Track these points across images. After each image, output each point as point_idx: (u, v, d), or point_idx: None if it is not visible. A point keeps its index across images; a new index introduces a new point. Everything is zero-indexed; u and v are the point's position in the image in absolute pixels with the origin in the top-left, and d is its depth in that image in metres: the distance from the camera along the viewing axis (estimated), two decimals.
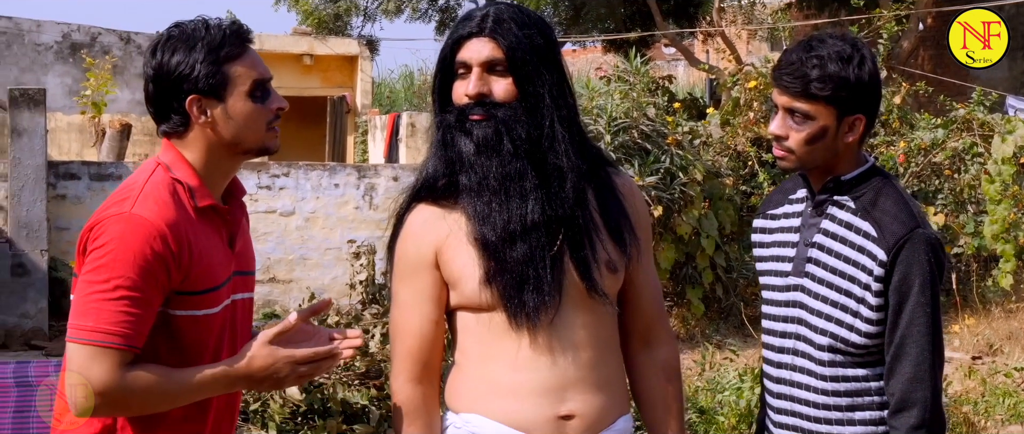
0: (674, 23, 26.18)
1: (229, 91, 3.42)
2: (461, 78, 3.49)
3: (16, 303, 13.54)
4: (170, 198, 3.38)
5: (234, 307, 3.58)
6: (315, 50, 25.84)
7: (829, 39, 3.63)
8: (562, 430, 3.48)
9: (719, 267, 13.99)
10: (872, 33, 15.83)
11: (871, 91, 3.62)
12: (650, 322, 3.70)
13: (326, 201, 15.21)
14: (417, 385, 3.52)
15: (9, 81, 21.70)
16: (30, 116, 13.78)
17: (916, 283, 3.50)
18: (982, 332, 12.77)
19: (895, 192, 3.65)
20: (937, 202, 14.27)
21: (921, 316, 3.51)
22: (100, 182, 14.58)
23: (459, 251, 3.46)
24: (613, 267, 3.53)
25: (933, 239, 3.55)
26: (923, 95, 15.40)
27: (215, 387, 3.40)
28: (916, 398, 3.51)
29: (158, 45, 3.44)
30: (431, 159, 3.55)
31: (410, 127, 20.34)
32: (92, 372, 3.24)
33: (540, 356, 3.46)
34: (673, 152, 13.61)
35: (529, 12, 3.59)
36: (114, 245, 3.26)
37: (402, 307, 3.55)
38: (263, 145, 3.52)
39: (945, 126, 14.44)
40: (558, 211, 3.46)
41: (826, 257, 3.65)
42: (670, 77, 21.58)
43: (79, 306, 3.28)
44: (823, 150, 3.63)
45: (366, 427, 9.63)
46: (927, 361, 3.51)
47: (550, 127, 3.49)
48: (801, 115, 3.61)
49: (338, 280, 14.46)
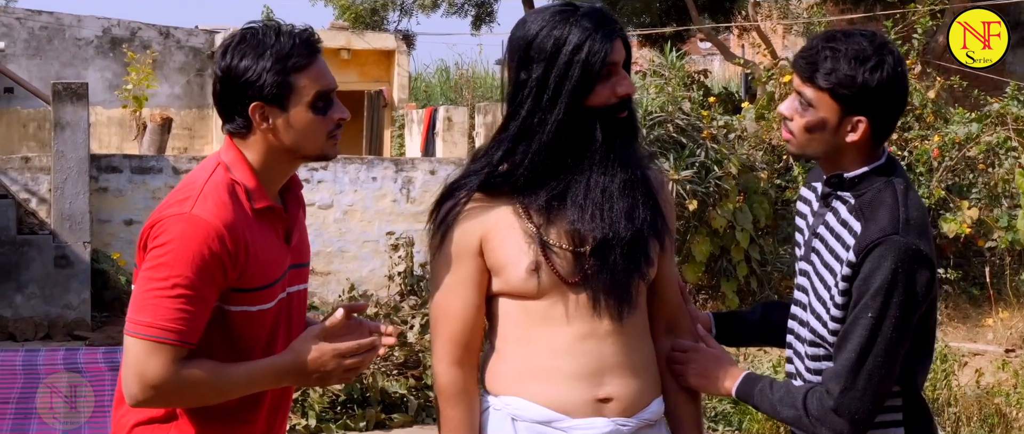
0: (710, 18, 26.18)
1: (292, 101, 3.46)
2: (604, 78, 3.52)
3: (59, 294, 13.69)
4: (229, 199, 3.44)
5: (289, 300, 3.65)
6: (352, 45, 25.90)
7: (856, 36, 3.57)
8: (600, 411, 3.56)
9: (754, 260, 14.03)
10: (906, 28, 15.83)
11: (880, 96, 3.52)
12: (674, 311, 3.81)
13: (364, 194, 15.31)
14: (459, 368, 3.59)
15: (50, 75, 21.90)
16: (73, 110, 13.91)
17: (873, 286, 3.43)
18: (1016, 325, 12.77)
19: (892, 195, 3.56)
20: (971, 196, 14.27)
21: (864, 317, 3.44)
22: (141, 175, 14.73)
23: (507, 240, 3.55)
24: (653, 262, 3.64)
25: (910, 248, 3.45)
26: (958, 89, 15.39)
27: (265, 381, 3.49)
28: (829, 388, 3.50)
29: (229, 47, 3.48)
30: (529, 154, 3.55)
31: (446, 121, 20.41)
32: (148, 366, 3.33)
33: (579, 342, 3.55)
34: (708, 146, 13.66)
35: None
36: (174, 244, 3.33)
37: (445, 292, 3.62)
38: (322, 153, 3.59)
39: (979, 121, 14.44)
40: (649, 211, 3.59)
41: (822, 250, 3.65)
42: (706, 71, 21.64)
43: (138, 301, 3.36)
44: (821, 142, 3.59)
45: (404, 416, 9.75)
46: (851, 362, 3.46)
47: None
48: (805, 101, 3.58)
49: (376, 272, 14.57)
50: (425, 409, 9.86)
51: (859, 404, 3.48)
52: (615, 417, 3.58)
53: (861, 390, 3.46)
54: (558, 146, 3.53)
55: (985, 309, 13.74)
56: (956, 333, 12.85)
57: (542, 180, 3.55)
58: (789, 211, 14.76)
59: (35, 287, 13.63)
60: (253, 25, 3.53)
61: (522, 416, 3.58)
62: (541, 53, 3.54)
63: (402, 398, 9.88)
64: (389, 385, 9.90)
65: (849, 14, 23.01)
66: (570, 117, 3.51)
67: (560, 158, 3.54)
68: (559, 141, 3.52)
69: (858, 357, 3.45)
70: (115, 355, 7.03)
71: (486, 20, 31.65)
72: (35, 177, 14.55)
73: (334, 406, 9.70)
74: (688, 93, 14.68)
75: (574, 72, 3.51)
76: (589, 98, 3.52)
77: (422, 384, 10.04)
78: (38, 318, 13.59)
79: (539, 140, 3.54)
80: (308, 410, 9.50)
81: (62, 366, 6.34)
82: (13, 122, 23.02)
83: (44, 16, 23.91)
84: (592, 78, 3.51)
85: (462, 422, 3.60)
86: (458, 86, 31.63)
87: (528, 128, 3.56)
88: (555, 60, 3.52)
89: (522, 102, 3.57)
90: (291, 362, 3.47)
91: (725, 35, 30.06)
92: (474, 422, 3.62)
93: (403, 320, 10.54)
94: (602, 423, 3.57)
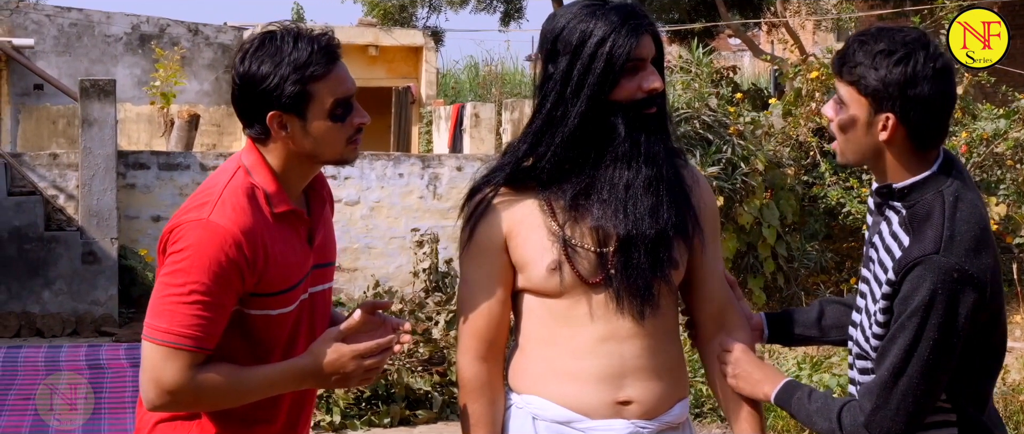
0: (739, 14, 26.12)
1: (311, 110, 3.44)
2: (629, 73, 3.52)
3: (87, 290, 13.75)
4: (248, 204, 3.43)
5: (311, 300, 3.65)
6: (380, 41, 25.94)
7: (893, 31, 3.47)
8: (620, 414, 3.56)
9: (780, 257, 14.01)
10: (934, 23, 15.77)
11: (904, 93, 3.40)
12: (723, 307, 3.77)
13: (391, 191, 15.34)
14: (483, 363, 3.62)
15: (80, 72, 21.98)
16: (100, 106, 13.97)
17: (911, 307, 3.34)
18: None
19: (940, 209, 3.42)
20: (999, 193, 14.22)
21: (901, 337, 3.37)
22: (169, 171, 14.78)
23: (531, 237, 3.56)
24: (676, 264, 3.60)
25: (952, 268, 3.33)
26: (987, 85, 15.33)
27: (283, 385, 3.49)
28: (862, 405, 3.45)
29: (248, 53, 3.46)
30: (552, 148, 3.56)
31: (474, 117, 20.43)
32: (165, 372, 3.34)
33: (601, 344, 3.55)
34: (735, 142, 13.65)
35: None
36: (191, 251, 3.33)
37: (471, 287, 3.64)
38: (341, 158, 3.57)
39: (1007, 117, 14.38)
40: (679, 211, 3.56)
41: (874, 260, 3.58)
42: (735, 68, 21.59)
43: (155, 307, 3.37)
44: (856, 143, 3.50)
45: (429, 413, 9.76)
46: (884, 381, 3.40)
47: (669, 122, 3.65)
48: (840, 99, 3.52)
49: (402, 269, 14.59)
50: (449, 405, 9.87)
51: (890, 424, 3.42)
52: (635, 419, 3.58)
53: (893, 410, 3.40)
54: (581, 140, 3.53)
55: (1013, 306, 13.67)
56: None
57: (566, 175, 3.55)
58: (816, 207, 14.73)
59: (63, 283, 13.69)
60: (272, 29, 3.51)
61: (542, 415, 3.60)
62: (567, 46, 3.55)
63: (427, 394, 9.89)
64: (414, 381, 9.91)
65: (878, 10, 22.91)
66: (593, 111, 3.52)
67: (583, 152, 3.54)
68: (582, 135, 3.53)
69: (891, 376, 3.39)
70: (137, 351, 7.06)
71: (515, 16, 31.55)
72: (63, 174, 14.62)
73: (359, 402, 9.72)
74: (715, 89, 14.65)
75: (598, 65, 3.51)
76: (614, 92, 3.52)
77: (447, 380, 10.04)
78: (66, 314, 13.66)
79: (561, 133, 3.54)
80: (333, 407, 9.53)
81: (84, 362, 6.37)
82: (42, 119, 23.10)
83: (73, 13, 23.99)
84: (616, 71, 3.51)
85: (483, 416, 3.62)
86: (486, 82, 31.60)
87: (552, 121, 3.57)
88: (580, 53, 3.53)
89: (548, 95, 3.59)
90: (310, 365, 3.47)
91: (755, 32, 29.99)
92: (496, 417, 3.64)
93: (428, 316, 10.55)
94: (621, 425, 3.57)
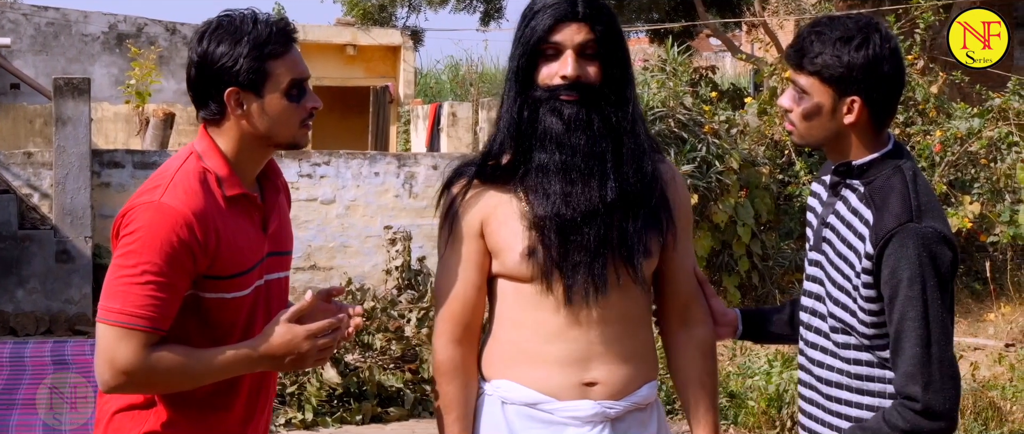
0: (718, 13, 26.17)
1: (267, 88, 3.52)
2: (549, 59, 3.61)
3: (61, 289, 13.72)
4: (199, 187, 3.49)
5: (267, 287, 3.70)
6: (358, 40, 25.94)
7: (842, 19, 3.63)
8: (586, 395, 3.66)
9: (755, 255, 14.03)
10: (909, 23, 15.81)
11: (869, 74, 3.55)
12: (687, 302, 3.88)
13: (366, 189, 15.33)
14: (458, 346, 3.71)
15: (57, 71, 21.92)
16: (74, 105, 13.94)
17: (904, 277, 3.45)
18: (1016, 320, 12.77)
19: (901, 181, 3.59)
20: (973, 191, 14.26)
21: (911, 310, 3.45)
22: (144, 170, 14.74)
23: (506, 223, 3.65)
24: (649, 253, 3.69)
25: (928, 232, 3.48)
26: (962, 84, 15.38)
27: (238, 366, 3.52)
28: (909, 392, 3.47)
29: (205, 33, 3.54)
30: (499, 135, 3.71)
31: (451, 117, 20.44)
32: (118, 352, 3.38)
33: (569, 329, 3.64)
34: (710, 141, 13.68)
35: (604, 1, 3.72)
36: (143, 232, 3.39)
37: (448, 272, 3.73)
38: (294, 141, 3.63)
39: (981, 116, 14.43)
40: (632, 190, 3.62)
41: (835, 239, 3.67)
42: (713, 68, 21.64)
43: (108, 289, 3.42)
44: (820, 128, 3.63)
45: (401, 410, 9.77)
46: (918, 356, 3.45)
47: (633, 111, 3.69)
48: (800, 89, 3.63)
49: (378, 267, 14.58)
50: (421, 403, 9.87)
51: (944, 394, 3.48)
52: (601, 400, 3.67)
53: (940, 380, 3.46)
54: (520, 127, 3.64)
55: (987, 304, 13.74)
56: (957, 328, 12.83)
57: (521, 163, 3.65)
58: (791, 206, 14.76)
59: (36, 282, 13.66)
60: (230, 12, 3.58)
61: (511, 399, 3.69)
62: (516, 35, 3.69)
63: (399, 392, 9.91)
64: (386, 379, 9.93)
65: (856, 9, 22.97)
66: (523, 96, 3.64)
67: (525, 140, 3.64)
68: (519, 122, 3.64)
69: (924, 348, 3.46)
70: None
71: (494, 16, 31.59)
72: (37, 172, 14.57)
73: (331, 400, 9.73)
74: (691, 88, 14.67)
75: (518, 49, 3.65)
76: (537, 77, 3.62)
77: (419, 378, 10.06)
78: (39, 313, 13.62)
79: (505, 122, 3.68)
80: (305, 404, 9.53)
81: (49, 358, 6.36)
82: (19, 118, 23.03)
83: (50, 12, 23.93)
84: (528, 54, 3.62)
85: (456, 398, 3.71)
86: (466, 82, 31.63)
87: (503, 108, 3.72)
88: (516, 37, 3.67)
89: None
90: (264, 345, 3.51)
91: (735, 32, 30.03)
92: (469, 399, 3.74)
93: (400, 314, 10.57)
94: (587, 405, 3.66)
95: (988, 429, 8.73)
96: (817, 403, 3.80)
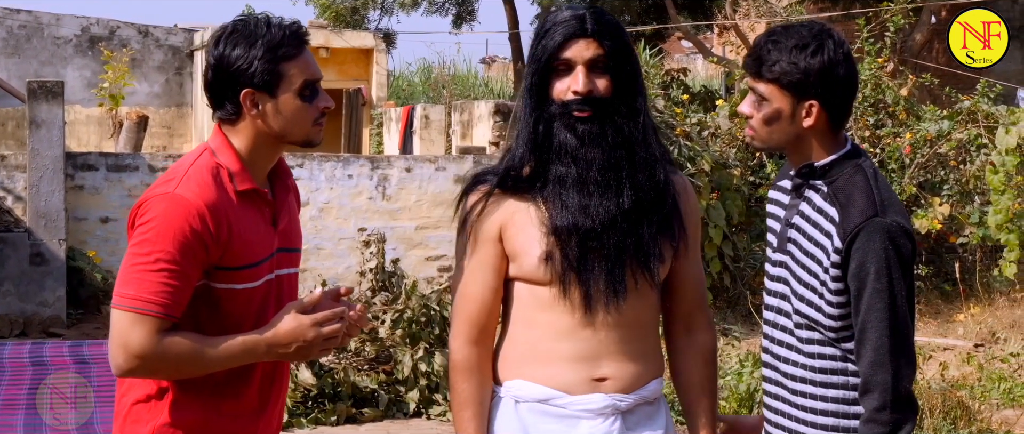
0: (689, 16, 26.28)
1: (281, 88, 3.67)
2: (561, 74, 3.72)
3: (34, 292, 13.71)
4: (212, 180, 3.64)
5: (278, 282, 3.84)
6: (331, 43, 25.99)
7: (796, 27, 3.76)
8: (597, 389, 3.77)
9: (727, 256, 14.10)
10: (878, 26, 15.93)
11: (825, 78, 3.70)
12: (691, 309, 3.99)
13: (340, 192, 15.36)
14: (474, 347, 3.83)
15: (29, 74, 21.91)
16: (48, 108, 13.93)
17: (871, 270, 3.61)
18: (986, 320, 12.85)
19: (863, 179, 3.74)
20: (942, 193, 14.37)
21: (878, 301, 3.61)
22: (117, 173, 14.75)
23: (524, 229, 3.75)
24: (663, 258, 3.81)
25: (892, 226, 3.64)
26: (932, 87, 15.50)
27: (246, 354, 3.65)
28: (876, 381, 3.62)
29: (222, 37, 3.69)
30: (519, 148, 3.80)
31: (424, 119, 20.50)
32: (131, 337, 3.51)
33: (582, 329, 3.75)
34: (681, 143, 13.75)
35: (612, 16, 3.84)
36: (157, 222, 3.53)
37: (465, 275, 3.84)
38: (308, 139, 3.77)
39: (950, 118, 14.55)
40: (646, 198, 3.73)
41: (801, 239, 3.79)
42: (685, 70, 21.72)
43: (123, 275, 3.55)
44: (781, 132, 3.77)
45: (375, 411, 9.81)
46: (885, 346, 3.62)
47: (644, 121, 3.77)
48: (759, 96, 3.76)
49: (351, 269, 14.60)
50: (396, 404, 9.92)
51: (909, 374, 3.67)
52: (612, 393, 3.78)
53: (904, 362, 3.66)
54: (537, 141, 3.76)
55: (956, 304, 13.83)
56: (927, 328, 12.94)
57: (541, 174, 3.76)
58: (762, 208, 14.82)
59: (10, 285, 13.64)
60: (244, 17, 3.74)
61: (523, 397, 3.81)
62: (529, 52, 3.84)
63: (373, 393, 9.95)
64: (360, 380, 9.96)
65: (827, 12, 23.11)
66: (538, 111, 3.75)
67: (542, 153, 3.75)
68: (536, 136, 3.76)
69: (890, 336, 3.64)
70: (80, 349, 7.10)
71: (467, 19, 31.71)
72: (11, 175, 14.56)
73: (305, 401, 9.77)
74: (664, 91, 14.74)
75: (532, 66, 3.78)
76: (552, 92, 3.74)
77: (393, 379, 10.10)
78: (13, 316, 13.61)
79: (523, 137, 3.79)
80: None
81: (28, 359, 6.39)
82: None
83: (22, 15, 23.92)
84: (541, 70, 3.74)
85: (472, 396, 3.82)
86: (438, 84, 31.68)
87: (519, 126, 3.83)
88: (530, 57, 3.81)
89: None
90: (270, 335, 3.65)
91: (706, 34, 30.16)
92: (484, 398, 3.84)
93: (374, 316, 10.59)
94: (599, 398, 3.77)
95: (957, 428, 8.82)
96: (783, 398, 3.91)
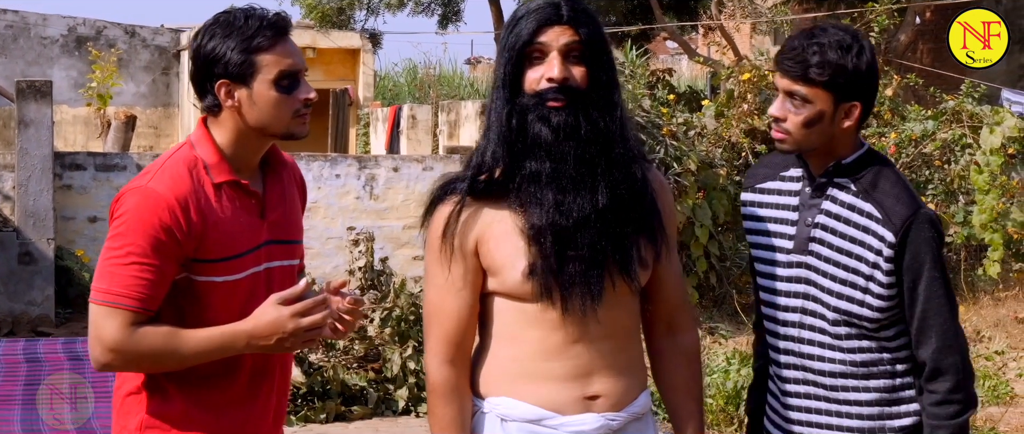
0: (675, 17, 26.32)
1: (255, 79, 3.66)
2: (535, 62, 3.53)
3: (23, 291, 13.73)
4: (187, 173, 3.64)
5: (269, 274, 3.80)
6: (318, 43, 25.98)
7: (831, 28, 3.78)
8: (590, 408, 3.62)
9: (713, 256, 14.12)
10: (864, 26, 16.01)
11: (868, 80, 3.76)
12: (674, 311, 3.85)
13: (327, 191, 15.39)
14: (451, 366, 3.63)
15: (16, 74, 21.88)
16: (37, 107, 13.95)
17: (927, 260, 3.69)
18: (970, 319, 12.90)
19: (893, 175, 3.81)
20: (928, 192, 14.44)
21: (938, 289, 3.71)
22: (105, 172, 14.76)
23: (504, 241, 3.56)
24: (645, 264, 3.66)
25: (933, 217, 3.75)
26: (917, 87, 15.57)
27: (224, 345, 3.63)
28: (947, 364, 3.72)
29: (203, 29, 3.72)
30: (490, 145, 3.60)
31: (411, 119, 20.54)
32: (105, 329, 3.54)
33: (569, 345, 3.59)
34: (668, 143, 13.77)
35: (587, 5, 3.64)
36: (129, 216, 3.56)
37: (439, 291, 3.64)
38: (288, 131, 3.74)
39: (935, 118, 14.62)
40: (624, 194, 3.56)
41: (830, 237, 3.81)
42: (670, 70, 21.77)
43: (98, 270, 3.59)
44: (819, 134, 3.78)
45: (364, 408, 9.85)
46: (951, 330, 3.73)
47: (620, 115, 3.60)
48: (800, 98, 3.75)
49: (339, 269, 14.62)
50: (384, 401, 9.96)
51: (965, 350, 3.81)
52: (604, 412, 3.65)
53: (963, 342, 3.81)
54: (510, 136, 3.54)
55: None
56: None
57: (515, 174, 3.55)
58: None
59: None
60: (229, 9, 3.74)
61: (511, 415, 3.63)
62: (501, 42, 3.64)
63: (362, 391, 9.98)
64: (349, 378, 9.99)
65: (812, 12, 23.18)
66: (511, 104, 3.55)
67: (514, 149, 3.55)
68: (509, 130, 3.54)
69: (951, 319, 3.77)
70: (74, 346, 7.13)
71: (452, 19, 31.68)
72: None
73: (295, 399, 9.79)
74: (650, 91, 14.78)
75: (505, 54, 3.58)
76: (524, 83, 3.55)
77: (382, 377, 10.13)
78: (2, 315, 13.62)
79: (495, 131, 3.58)
80: None
81: (22, 356, 6.43)
82: None
83: (9, 15, 23.90)
84: (516, 58, 3.55)
85: (453, 420, 3.64)
86: (424, 84, 31.69)
87: (489, 121, 3.63)
88: (502, 46, 3.60)
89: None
90: (250, 326, 3.62)
91: (692, 35, 30.20)
92: (465, 420, 3.66)
93: (363, 314, 10.63)
94: (592, 419, 3.63)
95: None
96: (819, 396, 3.94)
